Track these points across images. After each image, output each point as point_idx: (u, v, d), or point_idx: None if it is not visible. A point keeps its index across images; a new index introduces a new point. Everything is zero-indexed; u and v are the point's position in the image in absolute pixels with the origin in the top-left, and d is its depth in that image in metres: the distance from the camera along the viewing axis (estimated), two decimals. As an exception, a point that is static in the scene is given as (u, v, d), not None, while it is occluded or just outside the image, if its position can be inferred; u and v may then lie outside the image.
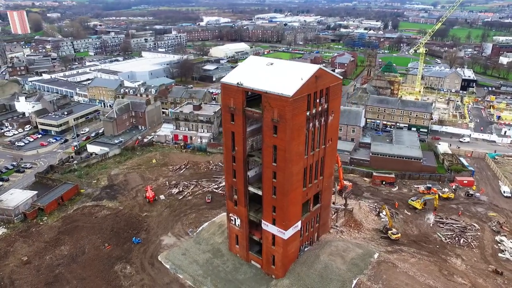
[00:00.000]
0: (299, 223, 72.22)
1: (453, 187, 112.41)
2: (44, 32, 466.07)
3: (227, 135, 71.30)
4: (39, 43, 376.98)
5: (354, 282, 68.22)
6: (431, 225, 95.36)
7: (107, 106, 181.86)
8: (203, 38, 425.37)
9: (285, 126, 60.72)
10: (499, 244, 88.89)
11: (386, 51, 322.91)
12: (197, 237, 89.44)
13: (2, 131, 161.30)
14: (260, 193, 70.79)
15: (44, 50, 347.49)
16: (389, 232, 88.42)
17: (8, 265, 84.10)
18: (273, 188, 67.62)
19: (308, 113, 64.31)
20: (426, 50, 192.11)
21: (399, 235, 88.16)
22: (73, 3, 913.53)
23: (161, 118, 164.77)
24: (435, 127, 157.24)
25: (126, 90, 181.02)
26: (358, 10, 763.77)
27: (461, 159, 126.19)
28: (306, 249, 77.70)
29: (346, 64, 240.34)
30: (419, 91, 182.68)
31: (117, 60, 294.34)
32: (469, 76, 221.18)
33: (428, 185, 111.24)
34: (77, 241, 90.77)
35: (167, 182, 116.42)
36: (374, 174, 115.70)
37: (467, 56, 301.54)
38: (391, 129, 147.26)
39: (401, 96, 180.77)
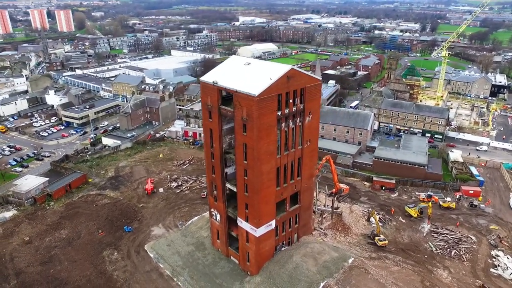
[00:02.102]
0: (273, 222, 72.93)
1: (457, 196, 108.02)
2: (86, 30, 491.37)
3: (206, 132, 73.43)
4: (79, 41, 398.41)
5: (322, 284, 68.12)
6: (424, 234, 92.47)
7: (128, 102, 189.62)
8: (234, 38, 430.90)
9: (253, 124, 61.87)
10: (493, 259, 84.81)
11: (418, 54, 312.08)
12: (184, 230, 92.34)
13: (31, 121, 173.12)
14: (235, 189, 72.29)
15: (83, 47, 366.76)
16: (376, 238, 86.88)
17: (11, 243, 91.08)
18: (245, 186, 68.93)
19: (279, 113, 64.97)
20: (449, 53, 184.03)
21: (386, 242, 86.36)
22: (117, 3, 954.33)
23: (175, 115, 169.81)
24: (452, 134, 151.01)
25: (146, 87, 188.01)
26: (398, 11, 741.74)
27: (471, 168, 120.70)
28: (283, 249, 78.22)
29: (370, 67, 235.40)
30: (441, 96, 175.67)
31: (147, 58, 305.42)
32: (501, 82, 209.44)
33: (429, 193, 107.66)
34: (75, 226, 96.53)
35: (168, 176, 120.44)
36: (374, 178, 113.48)
37: (505, 61, 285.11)
38: (405, 134, 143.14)
39: (421, 101, 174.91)
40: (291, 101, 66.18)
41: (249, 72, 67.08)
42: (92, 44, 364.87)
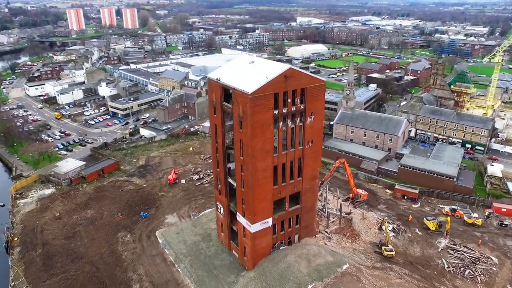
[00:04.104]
0: (269, 220, 73.69)
1: (486, 213, 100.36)
2: (148, 27, 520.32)
3: (212, 127, 76.10)
4: (140, 37, 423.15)
5: (309, 287, 67.63)
6: (439, 249, 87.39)
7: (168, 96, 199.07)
8: (286, 38, 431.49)
9: (247, 121, 63.26)
10: (513, 284, 78.12)
11: (478, 60, 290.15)
12: (196, 221, 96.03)
13: (83, 110, 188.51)
14: (235, 184, 74.14)
15: (142, 43, 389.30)
16: (383, 247, 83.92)
17: (44, 217, 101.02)
18: (242, 181, 70.51)
19: (276, 112, 65.63)
20: (503, 58, 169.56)
21: (393, 253, 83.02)
22: (182, 1, 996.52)
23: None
24: (496, 146, 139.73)
25: (188, 82, 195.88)
26: (467, 14, 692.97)
27: (509, 184, 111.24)
28: (281, 248, 78.59)
29: (419, 71, 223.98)
30: (492, 106, 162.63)
31: (197, 55, 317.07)
32: None
33: (454, 206, 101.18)
34: (100, 207, 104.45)
35: (193, 169, 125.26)
36: (396, 187, 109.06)
37: None
38: (439, 143, 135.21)
39: (467, 109, 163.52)
40: (289, 100, 66.47)
41: (250, 71, 68.52)
42: (150, 40, 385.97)
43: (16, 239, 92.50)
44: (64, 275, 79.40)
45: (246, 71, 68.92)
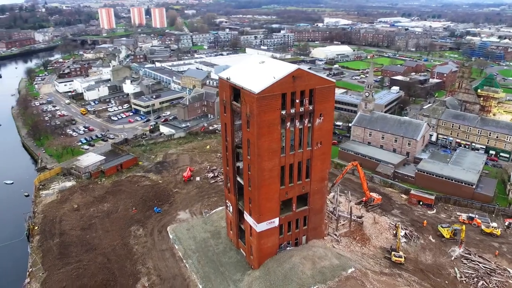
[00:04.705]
0: (276, 220, 73.78)
1: (506, 223, 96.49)
2: (175, 26, 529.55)
3: (222, 126, 77.01)
4: (167, 36, 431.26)
5: (312, 288, 67.39)
6: (452, 258, 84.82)
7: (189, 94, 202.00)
8: (312, 39, 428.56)
9: (254, 121, 63.69)
10: (530, 299, 74.96)
11: (511, 63, 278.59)
12: (207, 218, 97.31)
13: (108, 106, 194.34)
14: (243, 183, 74.73)
15: (169, 42, 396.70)
16: (392, 253, 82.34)
17: (63, 208, 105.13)
18: (248, 180, 71.01)
19: (284, 112, 65.70)
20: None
21: (403, 259, 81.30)
22: (210, 1, 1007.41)
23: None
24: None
25: (210, 81, 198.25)
26: (503, 15, 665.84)
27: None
28: (287, 248, 78.54)
29: (445, 74, 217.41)
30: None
31: (221, 55, 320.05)
32: None
33: (471, 214, 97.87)
34: (116, 201, 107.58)
35: (208, 167, 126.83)
36: (412, 192, 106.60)
37: None
38: (461, 148, 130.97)
39: (494, 114, 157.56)
40: (297, 101, 66.39)
41: (260, 70, 68.89)
42: (177, 39, 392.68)
43: (36, 228, 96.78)
44: (77, 264, 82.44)
45: (256, 71, 69.36)
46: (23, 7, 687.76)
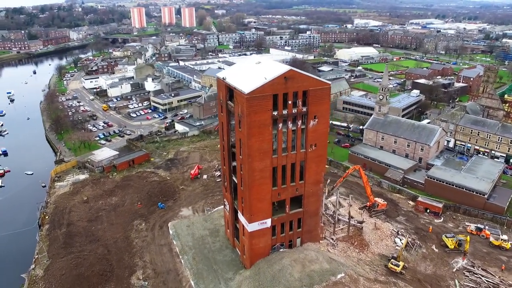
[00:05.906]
0: (268, 221, 73.76)
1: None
2: (203, 26, 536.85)
3: (220, 125, 77.89)
4: (194, 35, 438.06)
5: (299, 291, 66.88)
6: (454, 269, 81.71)
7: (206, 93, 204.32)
8: (338, 40, 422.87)
9: (244, 121, 64.03)
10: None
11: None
12: (208, 216, 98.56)
13: (128, 103, 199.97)
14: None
15: (195, 41, 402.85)
16: (390, 261, 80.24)
17: (74, 200, 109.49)
18: (241, 180, 71.42)
19: (275, 113, 65.64)
20: None
21: (398, 268, 78.83)
22: (241, 1, 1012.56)
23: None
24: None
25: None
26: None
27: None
28: (280, 250, 78.30)
29: (471, 79, 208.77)
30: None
31: (245, 54, 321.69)
32: None
33: (480, 225, 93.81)
34: (124, 195, 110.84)
35: (217, 165, 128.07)
36: (419, 199, 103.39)
37: None
38: (476, 156, 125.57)
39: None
40: (290, 102, 66.13)
41: (254, 71, 69.18)
42: (203, 39, 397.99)
43: (47, 217, 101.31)
44: (79, 254, 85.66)
45: (250, 71, 69.72)
46: (61, 7, 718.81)
